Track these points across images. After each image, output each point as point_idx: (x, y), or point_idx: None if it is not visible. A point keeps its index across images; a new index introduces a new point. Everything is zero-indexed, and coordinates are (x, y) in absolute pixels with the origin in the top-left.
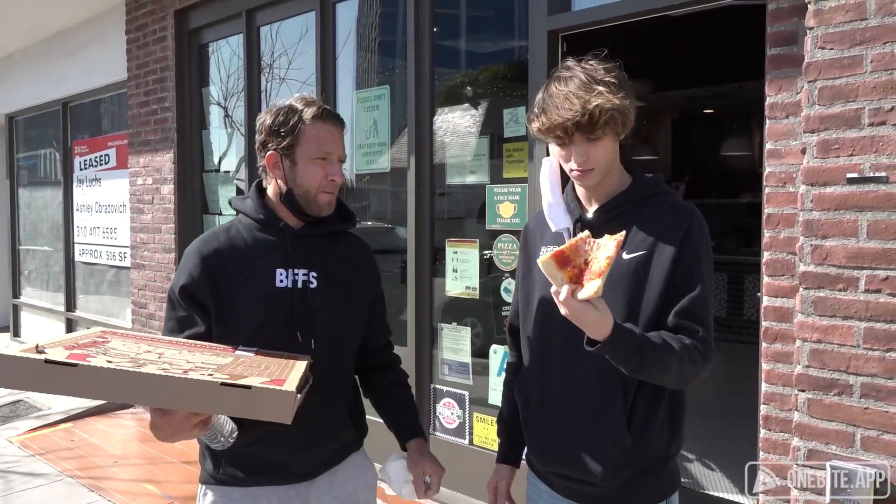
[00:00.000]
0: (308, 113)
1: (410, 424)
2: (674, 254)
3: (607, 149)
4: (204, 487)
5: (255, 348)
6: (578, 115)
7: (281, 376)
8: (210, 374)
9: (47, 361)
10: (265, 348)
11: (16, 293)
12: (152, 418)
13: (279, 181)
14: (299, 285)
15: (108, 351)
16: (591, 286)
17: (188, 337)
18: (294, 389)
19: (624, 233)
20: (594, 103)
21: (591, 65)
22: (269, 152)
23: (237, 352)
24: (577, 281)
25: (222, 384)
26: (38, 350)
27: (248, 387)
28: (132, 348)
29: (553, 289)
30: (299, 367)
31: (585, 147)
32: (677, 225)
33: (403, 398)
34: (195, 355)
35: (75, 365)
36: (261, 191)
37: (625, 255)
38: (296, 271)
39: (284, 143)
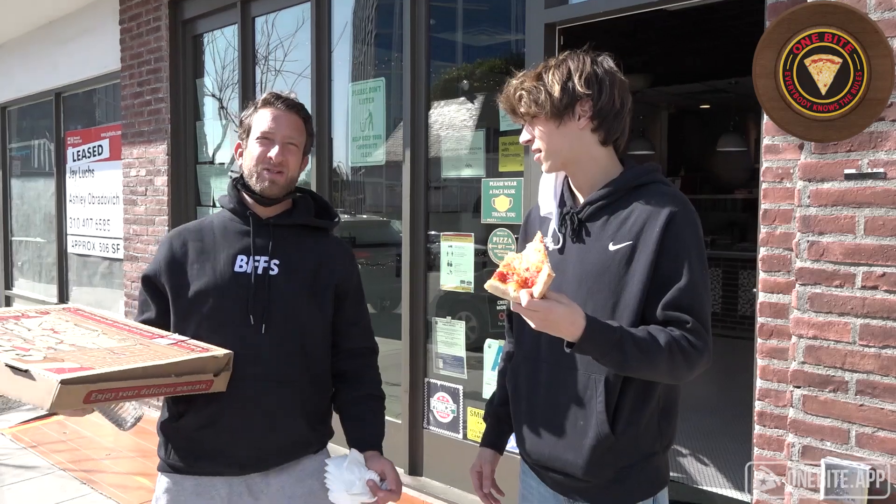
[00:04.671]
0: (260, 100)
1: (366, 439)
2: (657, 242)
3: (554, 133)
4: (160, 475)
5: (184, 338)
6: (503, 97)
7: (93, 364)
8: (19, 356)
9: None
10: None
11: (8, 284)
12: None
13: (242, 168)
14: (259, 271)
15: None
16: (542, 276)
17: (143, 321)
18: (57, 382)
19: (540, 234)
20: (511, 84)
21: (561, 55)
22: (237, 141)
23: (156, 339)
24: (525, 286)
25: (6, 365)
26: None
27: (24, 370)
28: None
29: (513, 304)
30: (178, 358)
31: (528, 127)
32: (661, 212)
33: (362, 412)
34: (101, 338)
35: None
36: (244, 185)
37: (611, 247)
38: (257, 258)
39: (243, 130)
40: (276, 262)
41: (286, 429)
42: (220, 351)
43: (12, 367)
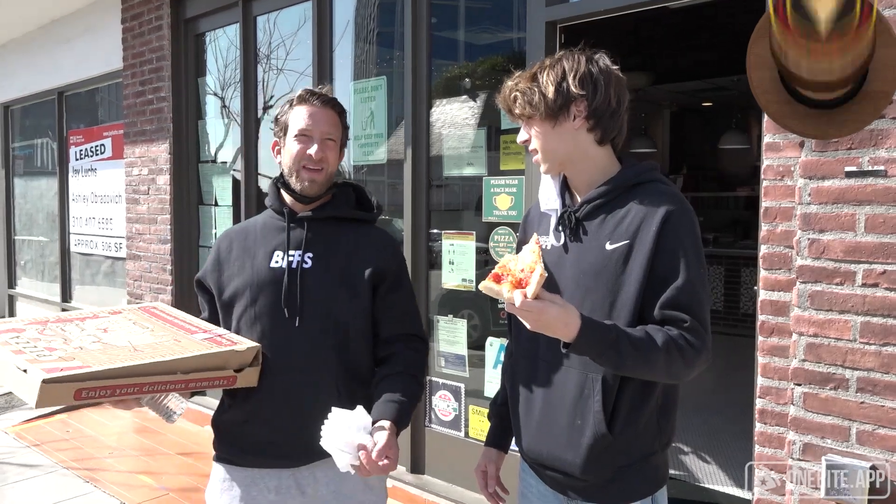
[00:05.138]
0: (296, 96)
1: (379, 407)
2: (653, 241)
3: (550, 134)
4: (214, 464)
5: (223, 332)
6: (500, 98)
7: (96, 362)
8: (38, 357)
9: None
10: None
11: (11, 283)
12: None
13: (282, 166)
14: (293, 266)
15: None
16: (534, 277)
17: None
18: (41, 380)
19: (536, 236)
20: (507, 85)
21: (557, 54)
22: (273, 139)
23: (195, 334)
24: (520, 287)
25: (16, 366)
26: None
27: (24, 370)
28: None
29: (507, 305)
30: (195, 352)
31: (525, 127)
32: (657, 211)
33: (388, 384)
34: (143, 335)
35: None
36: (283, 183)
37: (608, 246)
38: (291, 253)
39: (279, 127)
40: (310, 255)
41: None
42: (243, 345)
43: (19, 368)
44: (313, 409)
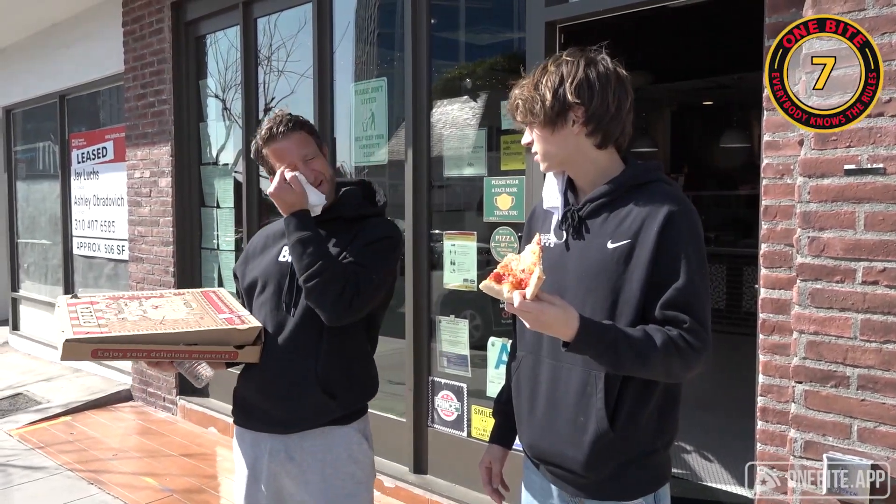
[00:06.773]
0: (260, 140)
1: None
2: (654, 241)
3: (549, 139)
4: (235, 426)
5: (243, 313)
6: (507, 105)
7: (118, 330)
8: (83, 326)
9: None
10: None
11: (15, 287)
12: None
13: None
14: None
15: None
16: (533, 278)
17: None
18: (64, 339)
19: (539, 236)
20: (512, 92)
21: (558, 56)
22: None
23: (220, 314)
24: (520, 287)
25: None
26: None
27: (63, 331)
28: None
29: (507, 305)
30: (201, 328)
31: (529, 130)
32: (659, 211)
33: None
34: (179, 311)
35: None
36: None
37: (609, 245)
38: None
39: (268, 171)
40: None
41: (308, 396)
42: (246, 325)
43: (61, 329)
44: (298, 384)
